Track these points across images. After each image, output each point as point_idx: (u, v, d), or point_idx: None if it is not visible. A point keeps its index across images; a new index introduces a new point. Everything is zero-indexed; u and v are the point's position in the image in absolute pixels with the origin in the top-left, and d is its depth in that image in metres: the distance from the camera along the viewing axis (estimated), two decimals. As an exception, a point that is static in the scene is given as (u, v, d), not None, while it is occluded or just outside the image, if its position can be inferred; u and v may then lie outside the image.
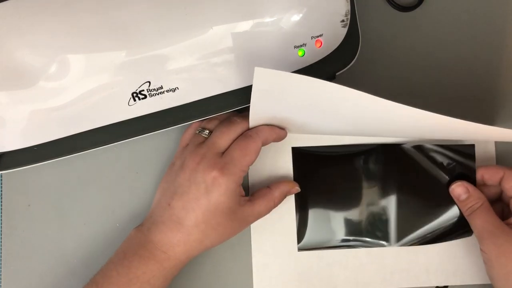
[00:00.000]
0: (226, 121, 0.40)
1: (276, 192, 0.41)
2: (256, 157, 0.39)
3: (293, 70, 0.39)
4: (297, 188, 0.42)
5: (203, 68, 0.38)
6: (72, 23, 0.35)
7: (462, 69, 0.45)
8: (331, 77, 0.41)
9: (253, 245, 0.44)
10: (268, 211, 0.41)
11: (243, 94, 0.39)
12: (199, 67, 0.38)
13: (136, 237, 0.39)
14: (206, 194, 0.37)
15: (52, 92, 0.37)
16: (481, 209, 0.41)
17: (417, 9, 0.45)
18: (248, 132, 0.39)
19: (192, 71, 0.38)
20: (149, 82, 0.37)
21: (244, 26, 0.37)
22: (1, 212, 0.44)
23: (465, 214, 0.42)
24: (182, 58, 0.37)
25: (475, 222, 0.41)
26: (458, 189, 0.42)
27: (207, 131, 0.41)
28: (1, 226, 0.44)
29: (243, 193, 0.40)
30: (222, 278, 0.44)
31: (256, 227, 0.44)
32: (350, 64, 0.41)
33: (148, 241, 0.38)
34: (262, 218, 0.40)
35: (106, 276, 0.38)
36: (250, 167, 0.39)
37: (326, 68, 0.40)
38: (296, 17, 0.37)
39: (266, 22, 0.37)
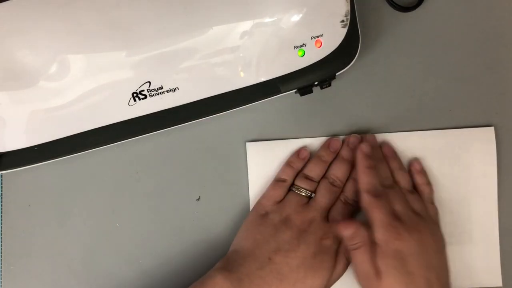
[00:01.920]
0: (328, 183, 0.42)
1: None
2: None
3: (293, 70, 0.39)
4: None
5: (203, 68, 0.38)
6: (72, 23, 0.35)
7: (462, 69, 0.45)
8: (331, 77, 0.41)
9: None
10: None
11: (243, 94, 0.39)
12: (199, 67, 0.38)
13: (224, 287, 0.37)
14: (314, 257, 0.38)
15: (52, 92, 0.37)
16: (362, 249, 0.39)
17: (417, 9, 0.45)
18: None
19: (192, 71, 0.38)
20: (149, 82, 0.37)
21: (244, 26, 0.37)
22: (1, 212, 0.44)
23: (348, 249, 0.40)
24: (182, 58, 0.37)
25: (353, 262, 0.40)
26: (343, 229, 0.40)
27: (310, 192, 0.42)
28: (1, 226, 0.44)
29: None
30: None
31: None
32: (350, 64, 0.41)
33: None
34: None
35: None
36: (250, 175, 0.43)
37: (326, 68, 0.40)
38: (296, 17, 0.37)
39: (266, 23, 0.37)
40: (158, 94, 0.38)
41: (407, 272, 0.37)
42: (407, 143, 0.44)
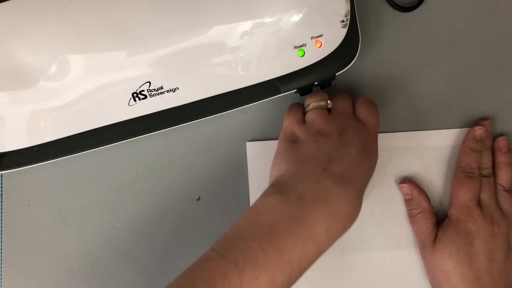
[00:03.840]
0: (336, 95, 0.40)
1: None
2: None
3: (293, 70, 0.39)
4: None
5: (203, 68, 0.38)
6: (72, 23, 0.35)
7: (462, 69, 0.45)
8: (331, 78, 0.41)
9: None
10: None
11: (243, 94, 0.39)
12: (199, 67, 0.38)
13: (285, 210, 0.31)
14: (366, 158, 0.35)
15: (52, 92, 0.37)
16: (418, 216, 0.41)
17: (417, 9, 0.45)
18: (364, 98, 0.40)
19: (192, 71, 0.38)
20: (150, 82, 0.37)
21: (244, 26, 0.37)
22: (1, 212, 0.44)
23: (408, 216, 0.43)
24: (182, 58, 0.37)
25: (412, 228, 0.42)
26: (403, 189, 0.43)
27: (327, 102, 0.39)
28: (1, 226, 0.44)
29: None
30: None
31: None
32: (350, 64, 0.41)
33: (306, 215, 0.31)
34: None
35: (249, 255, 0.29)
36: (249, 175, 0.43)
37: (326, 68, 0.40)
38: (296, 18, 0.37)
39: (266, 23, 0.37)
40: (158, 94, 0.38)
41: (466, 253, 0.38)
42: (406, 144, 0.44)
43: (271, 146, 0.42)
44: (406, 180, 0.43)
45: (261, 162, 0.43)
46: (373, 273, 0.43)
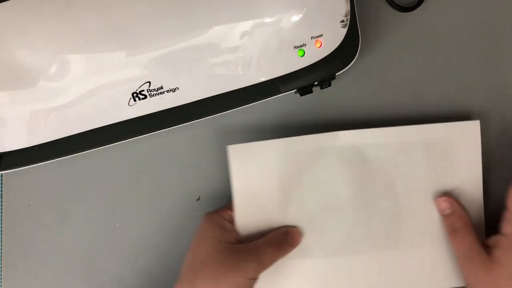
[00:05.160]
0: None
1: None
2: None
3: (293, 70, 0.39)
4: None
5: (203, 68, 0.38)
6: (72, 23, 0.35)
7: (462, 69, 0.45)
8: (331, 78, 0.41)
9: None
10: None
11: (243, 95, 0.39)
12: (199, 67, 0.38)
13: None
14: None
15: (52, 92, 0.37)
16: (462, 230, 0.40)
17: (417, 9, 0.45)
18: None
19: (192, 71, 0.38)
20: (149, 82, 0.37)
21: (244, 26, 0.37)
22: (1, 212, 0.44)
23: (446, 231, 0.41)
24: (182, 58, 0.37)
25: (453, 243, 0.40)
26: (443, 203, 0.41)
27: None
28: (1, 226, 0.44)
29: None
30: None
31: None
32: (350, 64, 0.41)
33: None
34: None
35: None
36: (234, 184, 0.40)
37: (326, 68, 0.40)
38: (296, 18, 0.37)
39: (266, 23, 0.37)
40: (158, 94, 0.38)
41: None
42: (390, 139, 0.42)
43: (254, 148, 0.41)
44: (444, 194, 0.42)
45: (246, 167, 0.41)
46: (361, 276, 0.42)
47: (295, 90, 0.41)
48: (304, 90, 0.41)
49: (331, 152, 0.41)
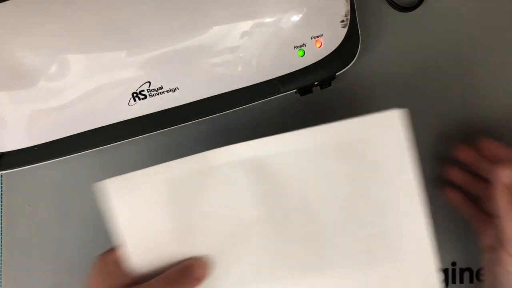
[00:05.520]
0: None
1: None
2: None
3: (293, 70, 0.39)
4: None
5: (203, 68, 0.38)
6: (72, 23, 0.35)
7: (462, 69, 0.45)
8: (331, 78, 0.41)
9: None
10: None
11: (243, 94, 0.39)
12: (199, 67, 0.38)
13: None
14: None
15: (52, 92, 0.37)
16: None
17: (417, 9, 0.45)
18: None
19: (192, 71, 0.38)
20: (149, 82, 0.37)
21: (244, 26, 0.37)
22: (1, 212, 0.44)
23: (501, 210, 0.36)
24: (182, 58, 0.37)
25: (508, 225, 0.36)
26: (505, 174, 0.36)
27: None
28: (1, 226, 0.44)
29: None
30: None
31: None
32: (350, 64, 0.41)
33: None
34: None
35: None
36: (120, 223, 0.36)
37: (326, 68, 0.40)
38: (296, 18, 0.37)
39: (266, 23, 0.37)
40: (158, 94, 0.38)
41: None
42: (295, 145, 0.36)
43: (133, 178, 0.35)
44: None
45: (127, 199, 0.35)
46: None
47: (295, 90, 0.41)
48: (304, 90, 0.41)
49: (220, 170, 0.35)
